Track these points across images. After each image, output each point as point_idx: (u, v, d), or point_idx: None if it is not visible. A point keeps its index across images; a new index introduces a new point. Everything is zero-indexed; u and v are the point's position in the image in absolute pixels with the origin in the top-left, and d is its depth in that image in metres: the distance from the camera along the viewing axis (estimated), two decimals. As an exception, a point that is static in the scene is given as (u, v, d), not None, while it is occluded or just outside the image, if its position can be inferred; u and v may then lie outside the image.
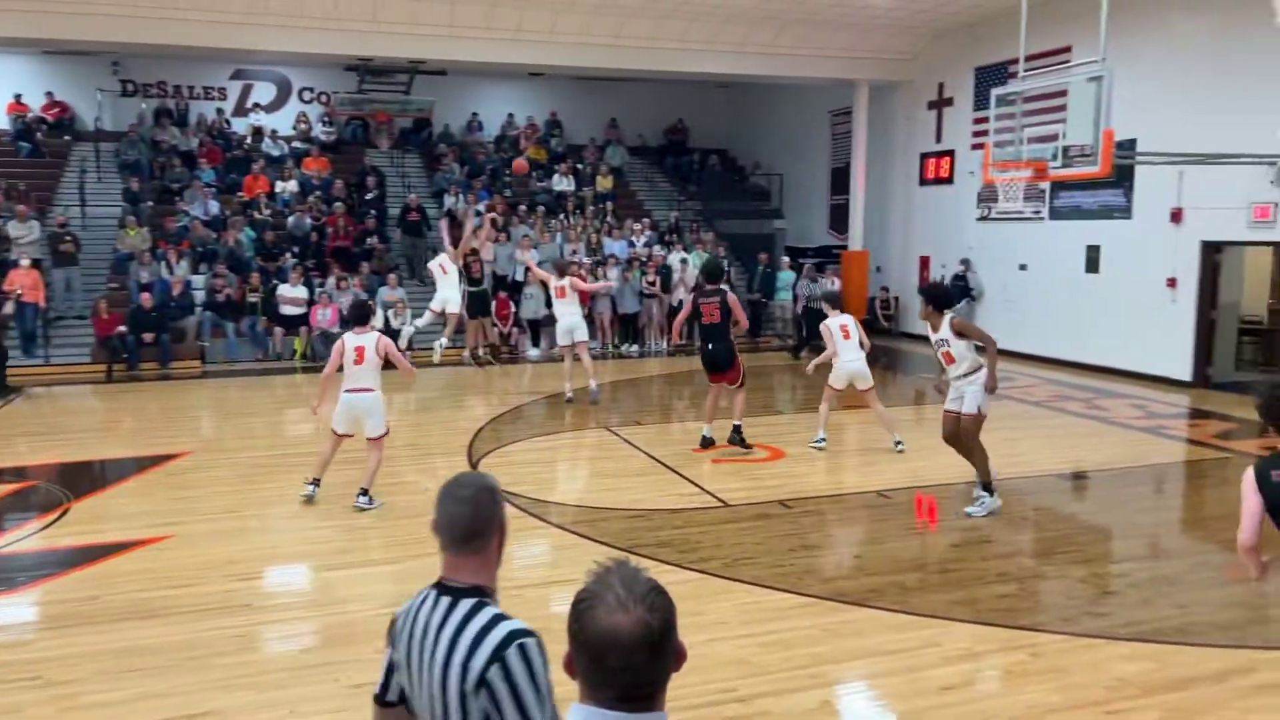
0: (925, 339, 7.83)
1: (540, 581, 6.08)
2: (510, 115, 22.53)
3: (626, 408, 12.13)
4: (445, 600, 2.13)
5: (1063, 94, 10.16)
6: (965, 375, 7.22)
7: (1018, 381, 13.37)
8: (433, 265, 13.26)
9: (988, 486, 7.37)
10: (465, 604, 2.10)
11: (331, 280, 15.96)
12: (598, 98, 23.03)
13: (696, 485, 8.16)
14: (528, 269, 15.14)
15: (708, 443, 9.36)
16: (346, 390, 7.32)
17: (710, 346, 9.11)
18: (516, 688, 1.96)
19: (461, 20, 15.51)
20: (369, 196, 18.55)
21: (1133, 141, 12.77)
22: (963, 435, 7.30)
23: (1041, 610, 5.64)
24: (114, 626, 5.27)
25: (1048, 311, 15.11)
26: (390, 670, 2.26)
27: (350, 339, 7.31)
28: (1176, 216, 13.03)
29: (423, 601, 2.19)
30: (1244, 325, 13.99)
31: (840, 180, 20.49)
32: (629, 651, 1.58)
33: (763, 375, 14.91)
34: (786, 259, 18.69)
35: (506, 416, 11.36)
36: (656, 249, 18.22)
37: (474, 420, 10.97)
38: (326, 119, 21.02)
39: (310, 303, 15.62)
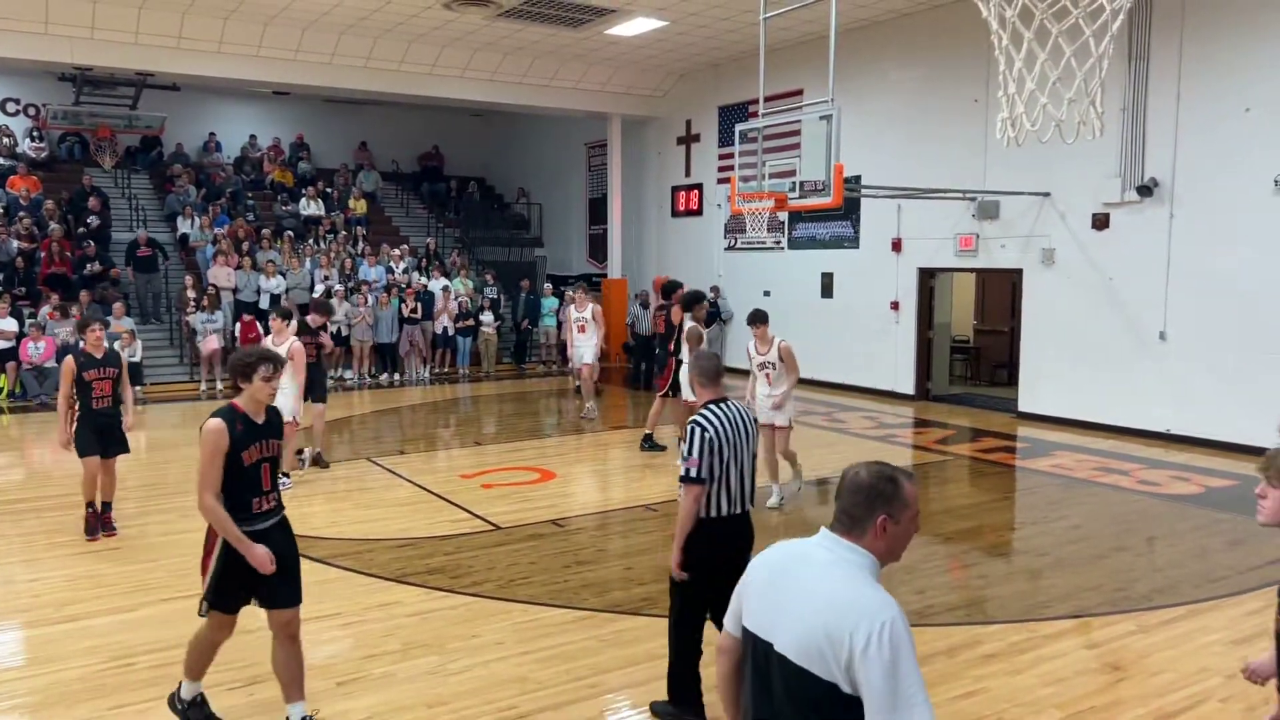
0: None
1: (304, 617, 5.71)
2: (253, 136, 21.34)
3: (388, 437, 11.73)
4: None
5: (798, 131, 11.01)
6: None
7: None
8: None
9: None
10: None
11: (45, 310, 14.33)
12: (347, 120, 22.36)
13: (466, 511, 8.02)
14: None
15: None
16: None
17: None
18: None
19: (193, 33, 14.37)
20: (90, 220, 16.84)
21: (858, 177, 14.04)
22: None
23: (799, 605, 6.00)
24: None
25: (789, 334, 15.62)
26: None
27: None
28: (897, 246, 14.43)
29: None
30: (954, 344, 15.68)
31: (597, 210, 21.04)
32: (849, 490, 2.29)
33: (528, 400, 14.94)
34: (549, 286, 18.89)
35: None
36: (416, 275, 17.84)
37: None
38: (36, 133, 18.94)
39: (20, 335, 13.91)
